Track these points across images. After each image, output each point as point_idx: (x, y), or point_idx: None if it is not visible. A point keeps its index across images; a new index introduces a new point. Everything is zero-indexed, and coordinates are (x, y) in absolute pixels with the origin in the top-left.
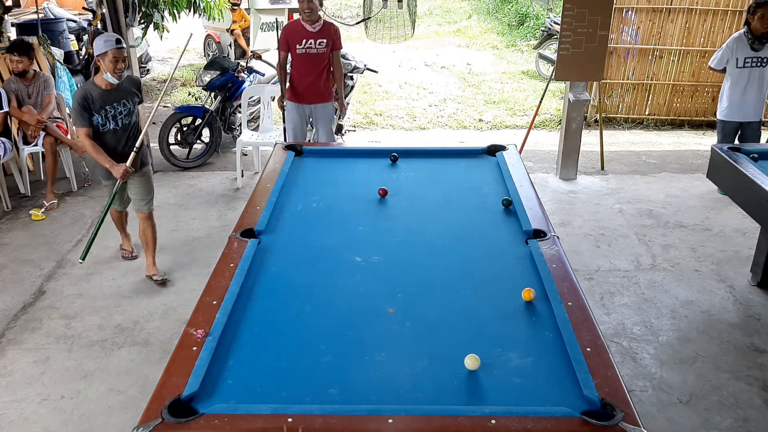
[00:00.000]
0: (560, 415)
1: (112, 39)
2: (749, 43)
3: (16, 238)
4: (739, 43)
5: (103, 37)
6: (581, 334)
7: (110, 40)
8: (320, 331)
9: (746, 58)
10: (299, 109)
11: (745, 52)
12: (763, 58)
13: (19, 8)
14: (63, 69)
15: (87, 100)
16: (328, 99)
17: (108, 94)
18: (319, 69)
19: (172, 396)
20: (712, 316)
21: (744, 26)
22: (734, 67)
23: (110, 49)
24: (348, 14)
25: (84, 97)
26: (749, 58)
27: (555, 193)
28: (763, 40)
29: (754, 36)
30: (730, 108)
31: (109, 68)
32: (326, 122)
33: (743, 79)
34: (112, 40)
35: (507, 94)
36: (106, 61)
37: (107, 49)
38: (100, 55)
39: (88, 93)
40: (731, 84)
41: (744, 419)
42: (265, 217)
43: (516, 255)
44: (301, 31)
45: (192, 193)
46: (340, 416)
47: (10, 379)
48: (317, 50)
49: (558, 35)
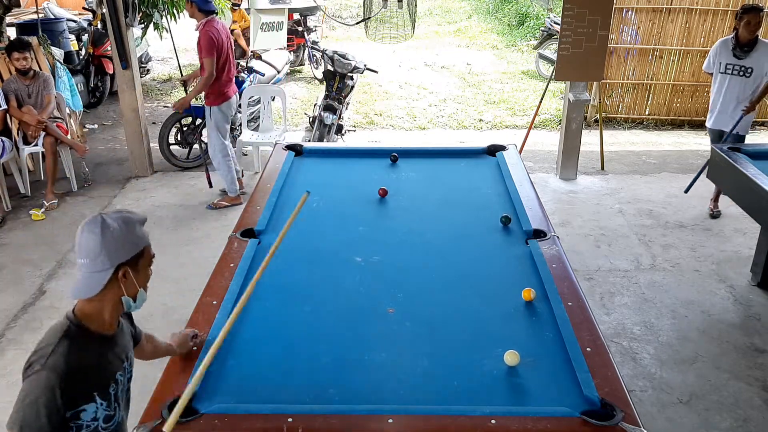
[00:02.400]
0: (560, 415)
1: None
2: (731, 48)
3: (16, 238)
4: (723, 48)
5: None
6: (581, 334)
7: (144, 238)
8: (320, 331)
9: (728, 64)
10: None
11: (728, 58)
12: (746, 67)
13: (19, 8)
14: (63, 69)
15: (71, 366)
16: (208, 103)
17: (107, 344)
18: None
19: (172, 396)
20: (712, 316)
21: (733, 31)
22: (717, 72)
23: (147, 245)
24: (348, 14)
25: (69, 361)
26: (730, 65)
27: (555, 193)
28: (745, 48)
29: (738, 43)
30: (711, 114)
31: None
32: (210, 126)
33: (723, 86)
34: (145, 237)
35: (507, 94)
36: (143, 266)
37: (144, 246)
38: (130, 261)
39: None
40: (715, 89)
41: (744, 419)
42: (265, 217)
43: (516, 255)
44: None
45: (192, 193)
46: (340, 416)
47: (10, 379)
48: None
49: (558, 35)
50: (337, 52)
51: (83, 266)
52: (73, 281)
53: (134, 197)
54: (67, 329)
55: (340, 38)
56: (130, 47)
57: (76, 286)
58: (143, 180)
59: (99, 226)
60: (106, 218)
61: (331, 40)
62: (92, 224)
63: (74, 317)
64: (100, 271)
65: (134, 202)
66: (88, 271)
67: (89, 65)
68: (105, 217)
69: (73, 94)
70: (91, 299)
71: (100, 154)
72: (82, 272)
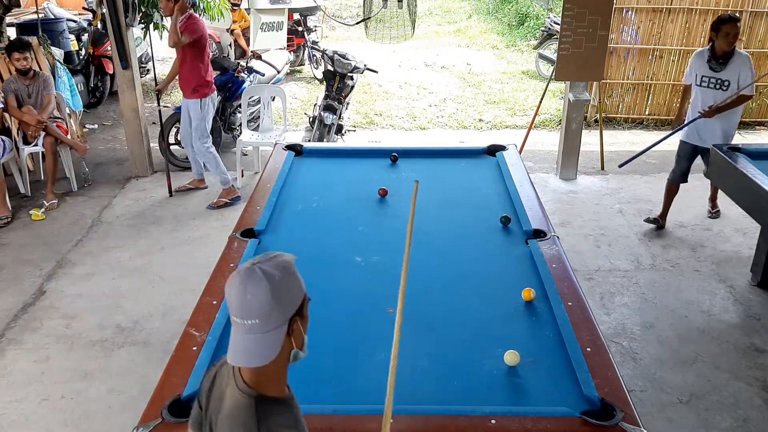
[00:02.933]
0: (560, 415)
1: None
2: (707, 61)
3: (16, 238)
4: (698, 60)
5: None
6: (581, 334)
7: (301, 280)
8: (320, 331)
9: (703, 77)
10: (183, 100)
11: (703, 71)
12: (722, 80)
13: (19, 8)
14: (63, 69)
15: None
16: (191, 95)
17: (291, 409)
18: (181, 62)
19: (172, 396)
20: (712, 316)
21: (709, 42)
22: (694, 84)
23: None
24: (348, 14)
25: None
26: (706, 77)
27: (555, 193)
28: (721, 60)
29: (714, 55)
30: (686, 127)
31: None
32: (194, 118)
33: (698, 99)
34: (301, 278)
35: (507, 94)
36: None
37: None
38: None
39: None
40: (692, 102)
41: (744, 419)
42: (265, 217)
43: (516, 255)
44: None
45: (192, 193)
46: (340, 416)
47: (10, 379)
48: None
49: (558, 35)
50: (337, 52)
51: (253, 328)
52: (237, 346)
53: (134, 197)
54: (255, 409)
55: (340, 38)
56: (130, 47)
57: (250, 352)
58: (143, 180)
59: (264, 280)
60: (266, 268)
61: (331, 40)
62: (254, 279)
63: (252, 389)
64: (274, 329)
65: (134, 202)
66: (261, 332)
67: (89, 65)
68: (263, 267)
69: (73, 94)
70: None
71: (100, 154)
72: (253, 335)
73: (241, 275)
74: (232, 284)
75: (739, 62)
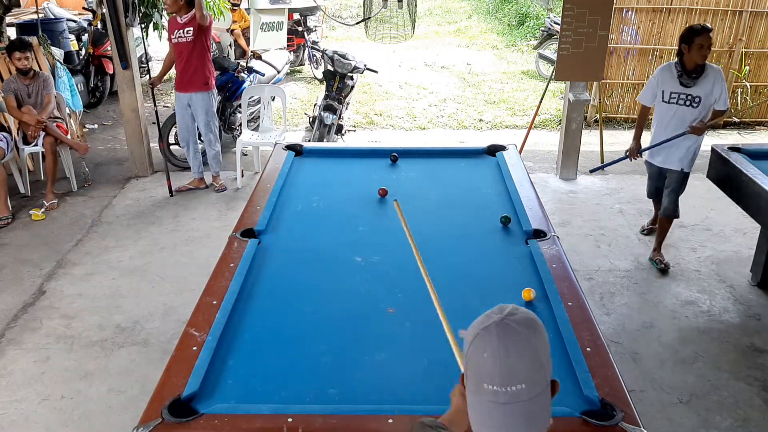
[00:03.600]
0: (560, 415)
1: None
2: (677, 76)
3: (16, 238)
4: (666, 74)
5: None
6: (581, 334)
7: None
8: (320, 331)
9: (672, 93)
10: (180, 98)
11: (672, 86)
12: (693, 96)
13: (19, 8)
14: (63, 69)
15: None
16: (203, 88)
17: None
18: (187, 56)
19: (172, 396)
20: (712, 316)
21: (676, 56)
22: (660, 101)
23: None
24: (348, 14)
25: None
26: (675, 93)
27: (555, 193)
28: (692, 75)
29: (684, 69)
30: (650, 147)
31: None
32: (202, 112)
33: (666, 118)
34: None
35: (507, 94)
36: None
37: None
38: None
39: None
40: (657, 121)
41: (744, 419)
42: (265, 217)
43: (516, 255)
44: (173, 23)
45: (192, 193)
46: (340, 416)
47: (10, 379)
48: (186, 39)
49: (558, 35)
50: (337, 52)
51: (519, 394)
52: (505, 420)
53: (134, 197)
54: None
55: (340, 38)
56: (130, 47)
57: (525, 422)
58: (143, 180)
59: (524, 339)
60: (515, 326)
61: (331, 40)
62: (516, 340)
63: None
64: (541, 392)
65: (134, 202)
66: (528, 397)
67: (89, 65)
68: (516, 320)
69: (73, 94)
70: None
71: (100, 154)
72: (520, 403)
73: (492, 334)
74: (481, 347)
75: (713, 76)
